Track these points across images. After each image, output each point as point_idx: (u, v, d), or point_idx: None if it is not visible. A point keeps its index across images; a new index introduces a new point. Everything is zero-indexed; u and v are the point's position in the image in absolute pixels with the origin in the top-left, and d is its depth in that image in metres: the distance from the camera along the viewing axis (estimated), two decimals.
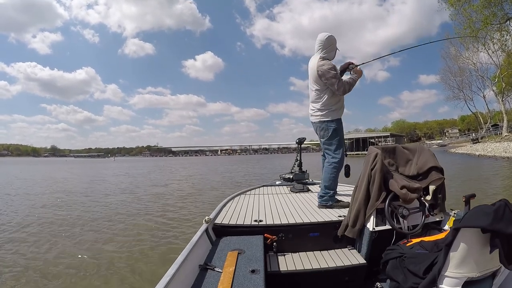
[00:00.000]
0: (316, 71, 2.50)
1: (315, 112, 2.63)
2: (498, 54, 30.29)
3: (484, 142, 30.12)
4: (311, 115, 2.70)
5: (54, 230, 4.96)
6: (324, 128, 2.60)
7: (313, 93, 2.63)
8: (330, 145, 2.63)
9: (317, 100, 2.60)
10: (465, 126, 70.31)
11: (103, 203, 7.66)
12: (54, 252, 3.87)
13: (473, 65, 35.38)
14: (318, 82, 2.55)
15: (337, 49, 2.65)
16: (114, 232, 4.77)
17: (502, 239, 1.02)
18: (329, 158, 2.64)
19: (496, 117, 40.17)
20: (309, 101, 2.73)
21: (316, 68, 2.50)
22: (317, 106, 2.61)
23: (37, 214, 6.31)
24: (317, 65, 2.50)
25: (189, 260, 1.36)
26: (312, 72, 2.57)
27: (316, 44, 2.60)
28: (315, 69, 2.52)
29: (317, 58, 2.55)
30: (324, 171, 2.65)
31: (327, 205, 2.46)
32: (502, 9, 23.58)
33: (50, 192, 10.12)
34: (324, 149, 2.71)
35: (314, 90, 2.60)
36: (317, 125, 2.65)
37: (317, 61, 2.53)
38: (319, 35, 2.59)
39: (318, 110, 2.61)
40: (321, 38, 2.56)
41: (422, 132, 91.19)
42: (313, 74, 2.55)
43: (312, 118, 2.69)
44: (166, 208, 6.68)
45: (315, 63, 2.53)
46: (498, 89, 33.27)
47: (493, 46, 28.65)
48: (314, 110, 2.65)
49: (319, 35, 2.59)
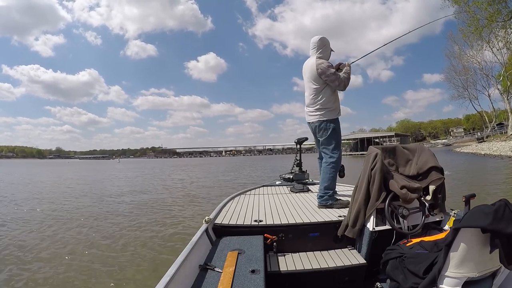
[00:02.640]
0: (315, 70, 2.53)
1: (314, 112, 2.64)
2: (503, 52, 30.03)
3: (490, 141, 29.86)
4: (308, 115, 2.71)
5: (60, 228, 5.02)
6: (324, 127, 2.62)
7: (311, 93, 2.64)
8: (328, 144, 2.64)
9: (315, 99, 2.62)
10: (470, 125, 69.67)
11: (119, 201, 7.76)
12: (54, 251, 3.92)
13: (477, 64, 35.09)
14: (317, 81, 2.57)
15: (332, 50, 2.70)
16: (118, 231, 4.82)
17: (502, 239, 1.01)
18: (327, 158, 2.65)
19: (501, 116, 39.68)
20: (305, 102, 2.75)
21: (315, 67, 2.53)
22: (315, 106, 2.62)
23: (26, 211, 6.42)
24: (316, 64, 2.54)
25: (189, 260, 1.37)
26: (311, 71, 2.59)
27: (310, 48, 2.67)
28: (314, 68, 2.55)
29: (313, 59, 2.60)
30: (322, 171, 2.66)
31: (327, 205, 2.46)
32: (506, 6, 23.38)
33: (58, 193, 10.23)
34: (322, 149, 2.71)
35: (313, 90, 2.61)
36: (316, 124, 2.66)
37: (314, 60, 2.57)
38: (312, 39, 2.66)
39: (317, 110, 2.62)
40: (314, 40, 2.64)
41: (427, 132, 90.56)
42: (312, 73, 2.58)
43: (310, 118, 2.70)
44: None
45: (313, 63, 2.57)
46: (503, 88, 32.93)
47: (498, 44, 28.41)
48: (312, 110, 2.66)
49: (312, 38, 2.66)
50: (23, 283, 3.00)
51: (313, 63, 2.57)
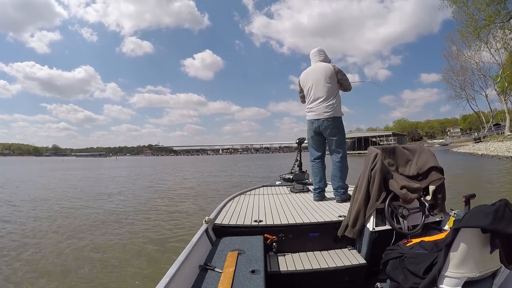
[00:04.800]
0: (332, 70, 2.75)
1: (328, 109, 2.73)
2: (501, 53, 30.17)
3: (487, 142, 29.99)
4: (323, 112, 2.75)
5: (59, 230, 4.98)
6: (337, 125, 2.77)
7: (325, 92, 2.74)
8: (341, 140, 2.80)
9: (330, 97, 2.74)
10: (467, 125, 70.04)
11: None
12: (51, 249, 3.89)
13: (475, 64, 35.14)
14: (333, 79, 2.75)
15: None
16: (119, 231, 4.79)
17: (502, 239, 1.02)
18: (342, 153, 2.78)
19: (498, 116, 39.91)
20: (311, 101, 2.82)
21: (331, 67, 2.77)
22: (330, 102, 2.73)
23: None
24: (332, 65, 2.79)
25: (189, 260, 1.37)
26: (326, 72, 2.76)
27: (317, 55, 2.92)
28: (330, 68, 2.77)
29: (324, 63, 2.85)
30: (339, 166, 2.76)
31: (348, 199, 2.54)
32: (505, 7, 23.47)
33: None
34: (333, 146, 2.79)
35: (328, 88, 2.74)
36: (329, 121, 2.73)
37: (328, 64, 2.83)
38: (316, 49, 2.94)
39: (331, 106, 2.72)
40: (320, 49, 2.93)
41: (424, 131, 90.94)
42: (327, 73, 2.75)
43: (323, 115, 2.74)
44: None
45: (326, 65, 2.81)
46: (500, 88, 33.07)
47: (496, 44, 28.53)
48: (325, 106, 2.73)
49: (316, 49, 2.94)
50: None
51: (327, 65, 2.80)
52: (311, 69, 2.88)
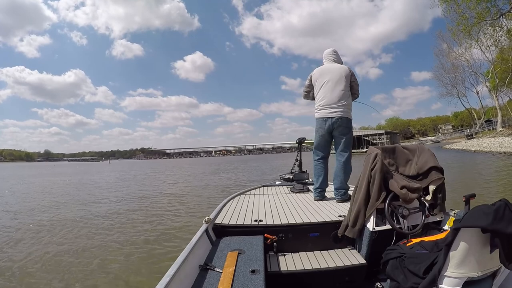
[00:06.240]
0: (348, 70, 2.79)
1: (342, 108, 2.74)
2: (491, 50, 30.67)
3: (479, 138, 30.52)
4: (337, 111, 2.75)
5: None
6: (349, 126, 2.80)
7: (341, 90, 2.75)
8: (350, 141, 2.82)
9: (345, 97, 2.77)
10: (459, 122, 71.14)
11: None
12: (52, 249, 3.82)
13: (466, 62, 35.73)
14: (346, 82, 2.77)
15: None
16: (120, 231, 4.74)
17: (502, 239, 1.02)
18: (348, 154, 2.79)
19: (489, 112, 40.63)
20: (329, 98, 2.78)
21: (347, 68, 2.80)
22: (344, 102, 2.75)
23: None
24: (347, 68, 2.81)
25: (189, 260, 1.36)
26: (340, 73, 2.77)
27: (330, 55, 2.93)
28: (346, 69, 2.80)
29: (339, 65, 2.87)
30: (344, 167, 2.77)
31: (348, 199, 2.55)
32: (495, 4, 23.81)
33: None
34: (341, 146, 2.80)
35: (342, 88, 2.75)
36: (343, 120, 2.75)
37: (343, 66, 2.85)
38: (330, 50, 2.96)
39: (344, 106, 2.75)
40: (334, 50, 2.95)
41: (416, 129, 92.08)
42: (344, 73, 2.77)
43: (338, 114, 2.74)
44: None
45: (342, 67, 2.82)
46: (491, 85, 33.67)
47: (486, 41, 28.95)
48: (338, 106, 2.74)
49: (329, 49, 2.96)
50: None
51: (343, 66, 2.83)
52: (327, 68, 2.87)
